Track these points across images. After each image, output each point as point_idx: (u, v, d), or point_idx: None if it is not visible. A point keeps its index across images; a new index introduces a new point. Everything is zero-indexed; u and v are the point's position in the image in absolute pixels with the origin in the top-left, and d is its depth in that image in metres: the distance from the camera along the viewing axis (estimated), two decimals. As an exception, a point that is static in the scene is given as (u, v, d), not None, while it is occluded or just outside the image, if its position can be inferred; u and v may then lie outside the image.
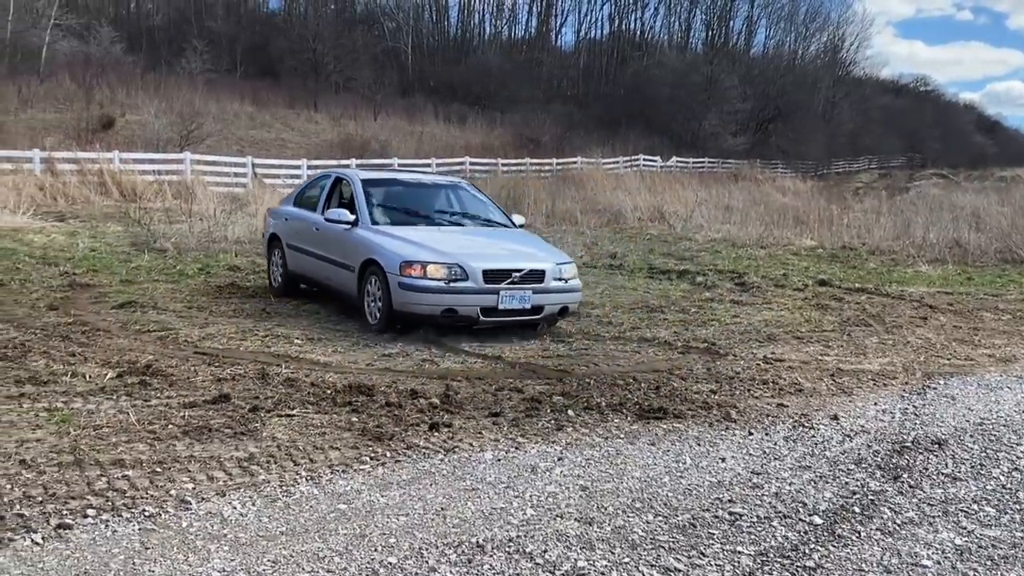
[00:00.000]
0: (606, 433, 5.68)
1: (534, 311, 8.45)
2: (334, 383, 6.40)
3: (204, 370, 6.66)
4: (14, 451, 4.73)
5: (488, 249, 8.84)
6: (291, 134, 41.26)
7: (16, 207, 18.02)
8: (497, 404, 6.12)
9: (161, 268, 12.37)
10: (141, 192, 22.34)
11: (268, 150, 36.07)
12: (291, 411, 5.71)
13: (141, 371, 6.45)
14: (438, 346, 7.98)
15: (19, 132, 28.99)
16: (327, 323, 9.01)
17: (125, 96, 38.12)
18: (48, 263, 12.34)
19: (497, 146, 44.94)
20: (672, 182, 31.13)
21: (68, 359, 6.80)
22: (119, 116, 34.84)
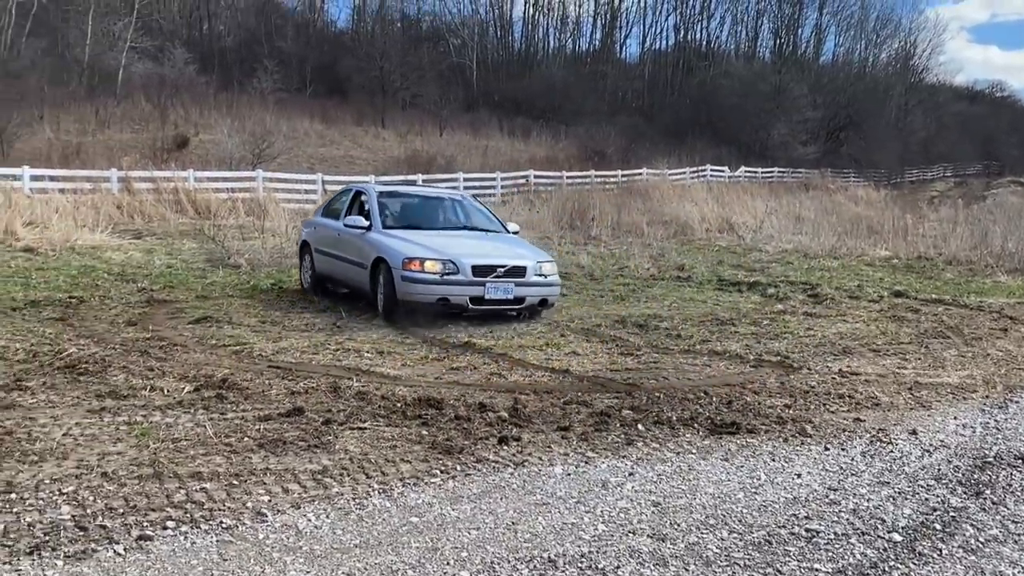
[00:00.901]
0: (677, 448, 5.62)
1: (517, 301, 9.88)
2: (404, 396, 6.46)
3: (278, 384, 6.78)
4: (96, 464, 4.86)
5: (479, 249, 10.21)
6: (359, 151, 41.87)
7: (95, 225, 18.61)
8: (566, 418, 6.11)
9: (235, 284, 12.64)
10: (215, 209, 22.88)
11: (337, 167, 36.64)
12: (363, 424, 5.77)
13: (217, 385, 6.60)
14: (504, 360, 8.01)
15: (97, 152, 29.97)
16: (395, 337, 9.10)
17: (199, 116, 39.14)
18: (126, 280, 12.71)
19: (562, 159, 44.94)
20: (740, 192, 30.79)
21: (147, 373, 6.98)
22: (193, 135, 35.77)
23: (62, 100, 36.39)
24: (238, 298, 11.41)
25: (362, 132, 45.33)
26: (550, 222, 23.12)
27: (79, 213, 19.49)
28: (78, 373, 6.90)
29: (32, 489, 4.46)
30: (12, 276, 12.54)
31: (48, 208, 19.17)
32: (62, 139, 31.90)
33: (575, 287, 13.34)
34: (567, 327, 9.87)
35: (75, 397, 6.22)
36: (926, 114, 74.98)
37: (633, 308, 11.35)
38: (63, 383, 6.61)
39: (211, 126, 36.71)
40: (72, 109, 36.24)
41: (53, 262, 14.23)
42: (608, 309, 11.28)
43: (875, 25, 75.55)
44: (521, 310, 10.04)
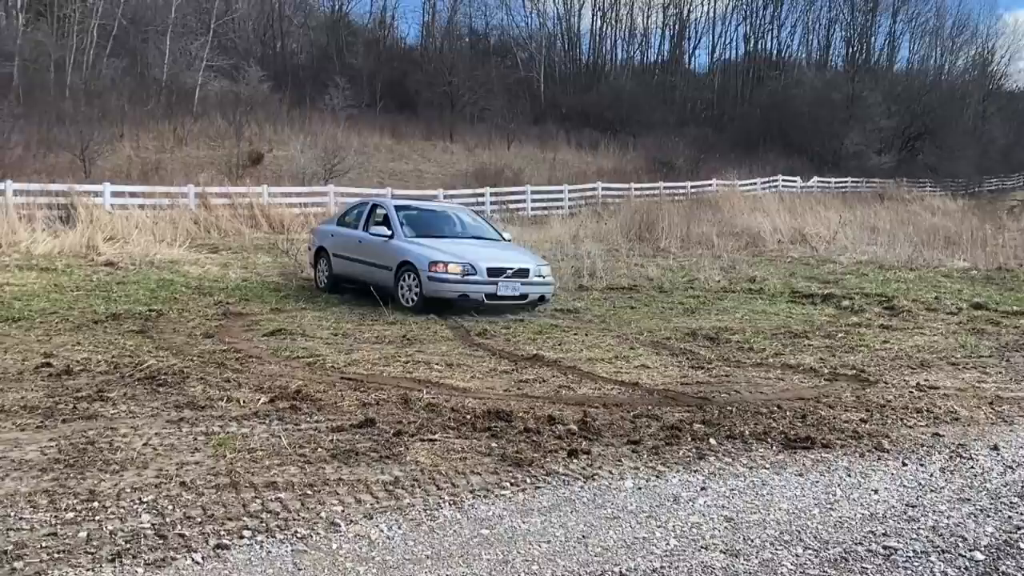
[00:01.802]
0: (750, 463, 5.55)
1: (522, 297, 11.86)
2: (473, 408, 6.49)
3: (350, 395, 6.88)
4: (175, 473, 4.99)
5: (488, 254, 12.17)
6: (428, 165, 42.29)
7: (173, 240, 19.12)
8: (636, 431, 6.07)
9: (308, 297, 12.86)
10: (288, 224, 23.35)
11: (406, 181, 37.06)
12: (433, 436, 5.82)
13: (291, 396, 6.72)
14: (573, 372, 8.00)
15: (175, 169, 30.81)
16: (464, 349, 9.15)
17: (272, 132, 39.96)
18: (203, 293, 13.03)
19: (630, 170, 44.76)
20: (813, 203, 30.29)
21: (223, 385, 7.14)
22: (267, 151, 36.54)
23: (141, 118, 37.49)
24: (311, 311, 11.62)
25: (431, 146, 45.79)
26: (618, 234, 23.05)
27: (158, 228, 20.06)
28: (157, 384, 7.09)
29: (114, 497, 4.60)
30: (94, 290, 12.96)
31: (128, 223, 19.76)
32: (141, 156, 32.87)
33: (644, 299, 13.27)
34: (636, 340, 9.83)
35: (154, 408, 6.39)
36: (1005, 121, 72.79)
37: (704, 321, 11.24)
38: (143, 394, 6.80)
39: (284, 142, 37.46)
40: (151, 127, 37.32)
41: (133, 276, 14.66)
42: (678, 322, 11.20)
43: (951, 32, 73.84)
44: (524, 305, 11.98)
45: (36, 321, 10.18)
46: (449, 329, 10.53)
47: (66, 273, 14.64)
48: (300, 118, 42.76)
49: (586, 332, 10.36)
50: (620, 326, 10.85)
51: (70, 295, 12.38)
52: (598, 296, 13.64)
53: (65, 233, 18.35)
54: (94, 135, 29.33)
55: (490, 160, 41.66)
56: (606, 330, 10.57)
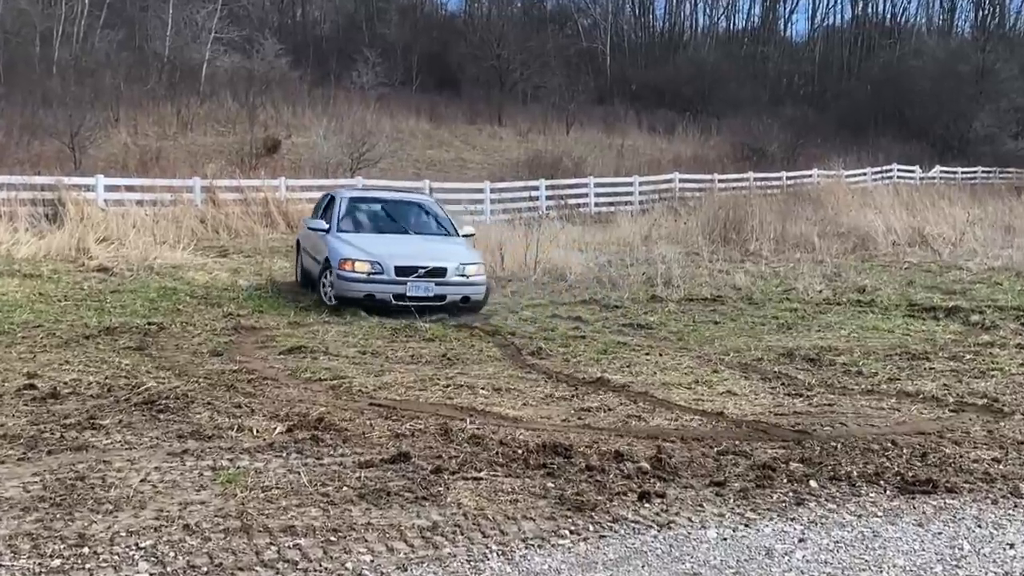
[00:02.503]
0: (859, 510, 5.48)
1: (438, 299, 12.67)
2: (526, 442, 6.50)
3: (380, 424, 6.93)
4: (177, 514, 5.06)
5: (411, 250, 13.08)
6: (472, 153, 42.51)
7: (176, 241, 19.46)
8: (720, 471, 6.03)
9: (332, 309, 12.99)
10: (308, 222, 23.59)
11: (447, 172, 37.28)
12: (478, 473, 5.84)
13: (312, 425, 6.79)
14: (645, 399, 7.97)
15: (179, 158, 31.35)
16: (515, 371, 9.17)
17: (291, 116, 40.48)
18: (210, 303, 13.23)
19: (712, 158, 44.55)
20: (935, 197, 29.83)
21: (233, 411, 7.24)
22: (285, 138, 37.04)
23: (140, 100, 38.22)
24: (335, 325, 11.73)
25: (476, 131, 46.02)
26: (698, 234, 22.91)
27: (158, 228, 20.45)
28: (157, 410, 7.21)
29: (106, 542, 4.68)
30: (85, 300, 13.23)
31: (124, 222, 20.16)
32: (140, 144, 33.51)
33: (730, 313, 13.18)
34: (721, 361, 9.77)
35: (154, 438, 6.50)
36: None
37: (802, 339, 11.13)
38: (141, 421, 6.91)
39: (305, 127, 37.93)
40: (151, 109, 38.01)
41: (130, 284, 14.94)
42: (771, 340, 11.10)
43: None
44: (444, 307, 12.73)
45: (18, 336, 10.42)
46: (497, 347, 10.56)
47: (52, 280, 14.97)
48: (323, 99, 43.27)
49: (660, 351, 10.31)
50: (701, 345, 10.78)
51: (57, 306, 12.65)
52: (674, 309, 13.58)
53: (52, 233, 18.78)
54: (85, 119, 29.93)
55: (546, 147, 41.76)
56: (684, 349, 10.51)
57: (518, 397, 8.04)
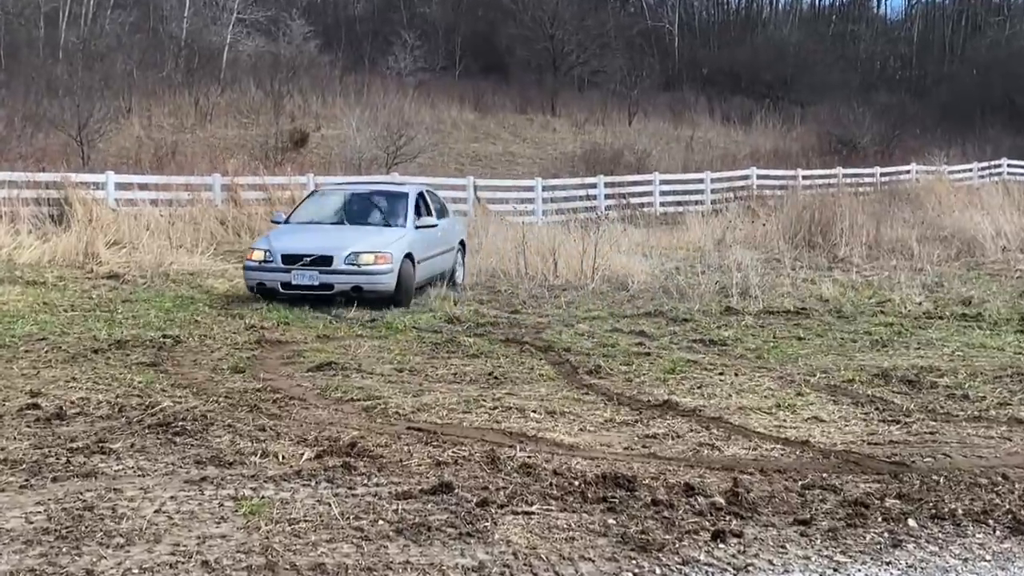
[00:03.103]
0: (964, 553, 5.41)
1: (324, 288, 14.06)
2: (583, 472, 6.49)
3: (420, 451, 6.95)
4: (195, 550, 5.11)
5: (320, 241, 14.61)
6: (522, 146, 42.59)
7: (194, 245, 19.69)
8: (805, 508, 5.98)
9: (365, 320, 13.05)
10: (339, 224, 23.74)
11: (493, 168, 37.40)
12: (529, 507, 5.83)
13: (344, 451, 6.83)
14: (718, 425, 7.92)
15: (197, 153, 31.70)
16: (571, 392, 9.16)
17: (320, 105, 40.81)
18: (232, 315, 13.36)
19: (795, 152, 44.26)
20: (1052, 197, 29.41)
21: (257, 435, 7.31)
22: (314, 130, 37.35)
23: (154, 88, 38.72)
24: (368, 339, 11.80)
25: (526, 122, 46.11)
26: (779, 238, 22.74)
27: (175, 230, 20.68)
28: (173, 433, 7.30)
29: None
30: (94, 310, 13.41)
31: (137, 224, 20.42)
32: (154, 137, 33.95)
33: (816, 328, 13.07)
34: (806, 382, 9.68)
35: (169, 464, 6.57)
36: None
37: (899, 358, 11.01)
38: (155, 446, 7.00)
39: (336, 118, 38.20)
40: (166, 99, 38.50)
41: (143, 292, 15.13)
42: (863, 358, 10.99)
43: None
44: (332, 296, 14.09)
45: (20, 350, 10.59)
46: (550, 364, 10.55)
47: (58, 288, 15.20)
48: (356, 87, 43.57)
49: (736, 371, 10.24)
50: (783, 363, 10.69)
51: (63, 316, 12.84)
52: (752, 323, 13.48)
53: (57, 236, 19.06)
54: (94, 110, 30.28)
55: (605, 140, 41.75)
56: (763, 368, 10.43)
57: (574, 421, 8.03)
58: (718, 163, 39.49)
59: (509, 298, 15.57)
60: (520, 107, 47.72)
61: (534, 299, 15.38)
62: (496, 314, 13.98)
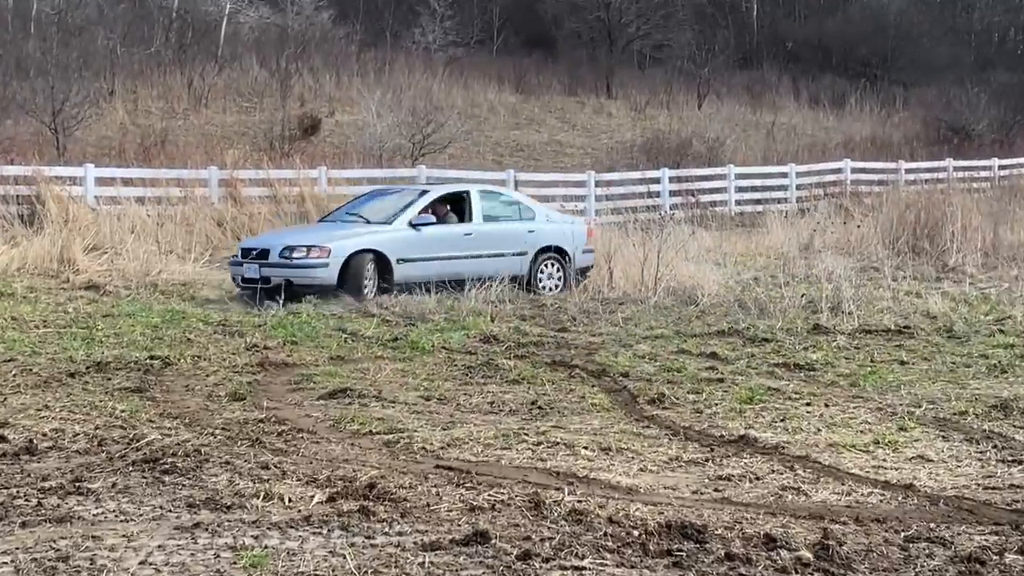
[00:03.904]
0: (1100, 619, 5.34)
1: (263, 281, 16.39)
2: (643, 520, 6.46)
3: (450, 493, 6.93)
4: (188, 606, 5.13)
5: (275, 237, 18.36)
6: (571, 134, 42.57)
7: (187, 251, 19.80)
8: (909, 564, 5.93)
9: (386, 339, 13.09)
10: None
11: (538, 159, 37.39)
12: (579, 561, 5.81)
13: (361, 493, 6.81)
14: (805, 465, 7.87)
15: (190, 142, 31.90)
16: (628, 424, 9.13)
17: (334, 87, 40.92)
18: (229, 332, 13.43)
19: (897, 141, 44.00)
20: None
21: (259, 473, 7.32)
22: (326, 116, 37.48)
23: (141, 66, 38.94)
24: (390, 361, 11.82)
25: (576, 105, 46.08)
26: (878, 243, 22.61)
27: (164, 233, 20.79)
28: (162, 471, 7.32)
29: (97, 641, 4.76)
30: (70, 326, 13.52)
31: (120, 225, 20.56)
32: (140, 124, 34.20)
33: (921, 350, 12.98)
34: (909, 415, 9.60)
35: (157, 507, 6.59)
36: None
37: (1023, 386, 10.89)
38: (140, 485, 7.02)
39: (352, 101, 38.34)
40: (155, 80, 38.73)
41: (127, 305, 15.24)
42: (979, 386, 10.89)
43: None
44: (270, 289, 16.21)
45: (-15, 372, 10.67)
46: (604, 392, 10.52)
47: (28, 300, 15.34)
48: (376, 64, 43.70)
49: (825, 401, 10.18)
50: (882, 392, 10.61)
51: (34, 333, 12.94)
52: (845, 343, 13.40)
53: (28, 240, 19.21)
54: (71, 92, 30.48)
55: (670, 126, 41.66)
56: (859, 398, 10.36)
57: (633, 460, 7.99)
58: (805, 154, 39.29)
59: (556, 313, 15.59)
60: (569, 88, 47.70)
61: (585, 315, 15.38)
62: (540, 332, 13.99)
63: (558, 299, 16.69)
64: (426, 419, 9.16)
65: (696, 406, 9.95)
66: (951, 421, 9.42)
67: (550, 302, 16.46)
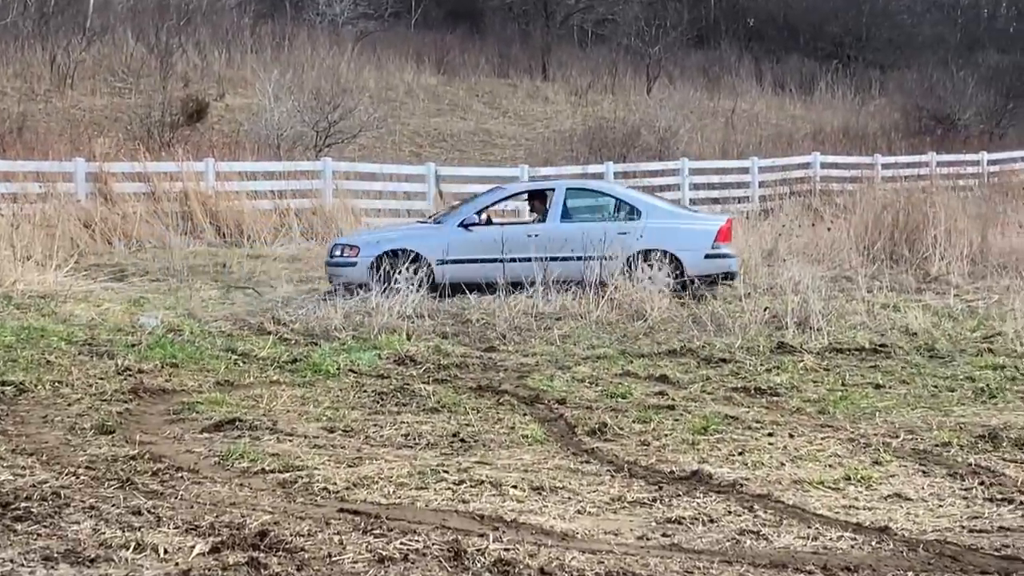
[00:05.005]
0: None
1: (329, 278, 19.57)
2: (581, 570, 6.46)
3: (355, 541, 6.88)
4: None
5: (353, 235, 22.13)
6: (502, 121, 42.65)
7: (47, 257, 19.53)
8: (885, 619, 5.97)
9: (284, 361, 13.01)
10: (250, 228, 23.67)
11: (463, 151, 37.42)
12: (506, 621, 5.80)
13: (250, 543, 6.74)
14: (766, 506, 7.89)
15: (52, 129, 31.63)
16: (564, 459, 9.12)
17: (225, 65, 40.75)
18: (98, 353, 13.28)
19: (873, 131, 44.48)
20: None
21: (130, 520, 7.21)
22: (215, 99, 37.33)
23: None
24: (288, 386, 11.75)
25: (508, 89, 46.18)
26: (851, 248, 22.80)
27: (20, 235, 20.50)
28: (13, 518, 7.19)
29: None
30: (-92, 345, 13.32)
31: (-35, 227, 20.26)
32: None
33: (899, 371, 13.10)
34: (886, 446, 9.68)
35: (7, 560, 6.48)
36: None
37: (1012, 412, 11.04)
38: (-12, 534, 6.92)
39: (246, 82, 38.21)
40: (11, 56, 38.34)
41: (-25, 321, 15.03)
42: (963, 414, 11.02)
43: None
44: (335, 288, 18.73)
45: None
46: (537, 422, 10.50)
47: None
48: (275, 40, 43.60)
49: (790, 430, 10.24)
50: (854, 420, 10.69)
51: None
52: (813, 364, 13.51)
53: None
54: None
55: (615, 113, 41.85)
56: (828, 427, 10.44)
57: (569, 500, 7.99)
58: (769, 146, 39.66)
59: (483, 330, 15.57)
60: (499, 69, 47.81)
61: (517, 332, 15.38)
62: (465, 352, 13.99)
63: (486, 314, 16.61)
64: (329, 454, 9.10)
65: (643, 437, 9.97)
66: (932, 453, 9.51)
67: (475, 318, 16.40)
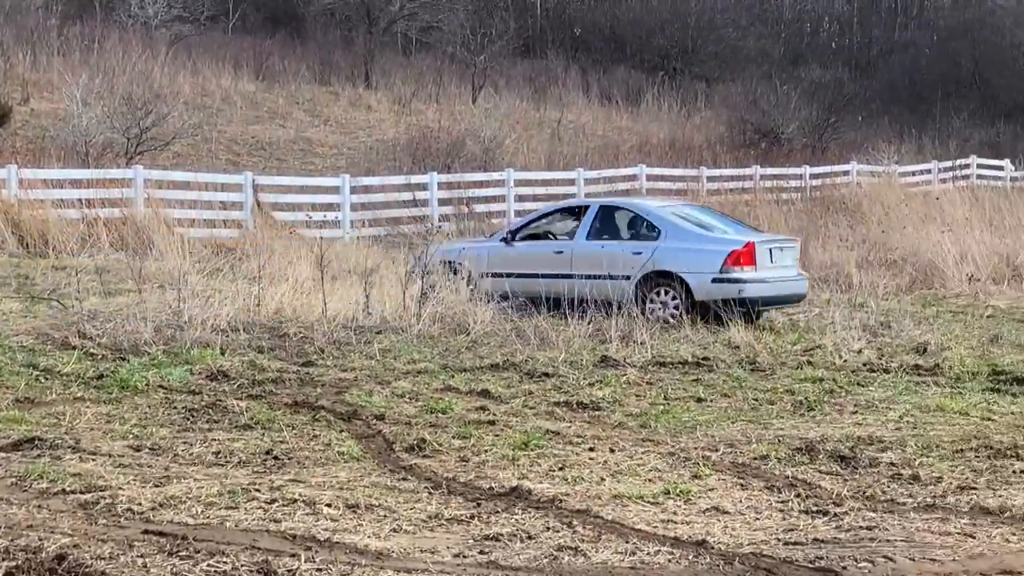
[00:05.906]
0: None
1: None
2: (396, 592, 6.45)
3: (160, 564, 6.78)
4: None
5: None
6: (323, 130, 42.45)
7: None
8: (699, 634, 6.03)
9: (89, 376, 12.76)
10: (56, 238, 23.24)
11: (282, 159, 37.18)
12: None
13: (47, 567, 6.59)
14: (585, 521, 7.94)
15: None
16: (381, 476, 9.10)
17: (30, 68, 39.93)
18: None
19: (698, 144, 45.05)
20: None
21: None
22: (18, 103, 36.54)
23: None
24: (93, 403, 11.51)
25: (329, 96, 45.97)
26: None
27: None
28: None
29: None
30: None
31: None
32: None
33: (721, 385, 13.27)
34: (705, 460, 9.80)
35: None
36: None
37: (830, 425, 11.23)
38: None
39: (52, 86, 37.50)
40: None
41: None
42: (782, 427, 11.19)
43: None
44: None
45: None
46: (353, 438, 10.45)
47: None
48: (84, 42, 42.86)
49: (611, 445, 10.32)
50: (675, 434, 10.80)
51: None
52: (636, 377, 13.62)
53: None
54: None
55: (439, 123, 41.87)
56: (649, 441, 10.53)
57: (385, 518, 7.96)
58: (595, 157, 39.95)
59: (300, 344, 15.43)
60: (321, 76, 47.59)
61: (336, 346, 15.28)
62: (281, 367, 13.85)
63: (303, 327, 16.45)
64: (134, 474, 8.95)
65: (462, 453, 9.99)
66: (751, 466, 9.64)
67: (292, 331, 16.25)
